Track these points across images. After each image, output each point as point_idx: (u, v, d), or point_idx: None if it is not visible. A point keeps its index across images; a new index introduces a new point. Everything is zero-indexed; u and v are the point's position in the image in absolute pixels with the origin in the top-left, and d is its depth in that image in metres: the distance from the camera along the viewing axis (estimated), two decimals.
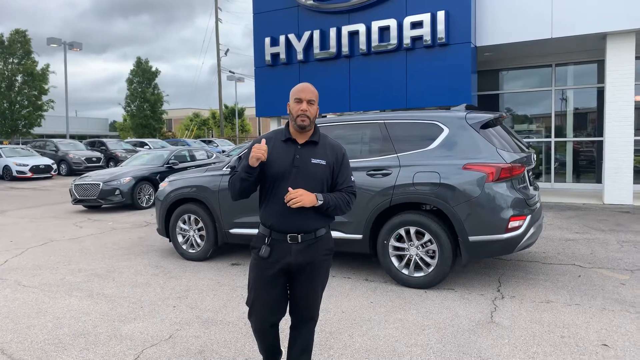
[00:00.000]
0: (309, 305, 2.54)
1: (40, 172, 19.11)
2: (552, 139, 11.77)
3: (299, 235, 2.42)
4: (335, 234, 4.83)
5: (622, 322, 3.63)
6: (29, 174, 18.75)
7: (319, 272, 2.50)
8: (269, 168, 2.43)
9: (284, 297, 2.53)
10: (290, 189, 2.33)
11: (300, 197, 2.30)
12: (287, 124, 2.52)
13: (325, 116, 9.27)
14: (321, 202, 2.37)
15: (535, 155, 5.21)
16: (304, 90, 2.43)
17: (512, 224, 4.26)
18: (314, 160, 2.43)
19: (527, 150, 4.95)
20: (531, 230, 4.48)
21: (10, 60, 29.96)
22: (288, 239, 2.42)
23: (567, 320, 3.69)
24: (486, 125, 4.57)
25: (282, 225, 2.42)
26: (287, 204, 2.31)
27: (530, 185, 4.83)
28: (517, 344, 3.31)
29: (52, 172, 19.66)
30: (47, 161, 19.74)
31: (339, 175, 2.50)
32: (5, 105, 29.60)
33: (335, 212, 2.47)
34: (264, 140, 2.39)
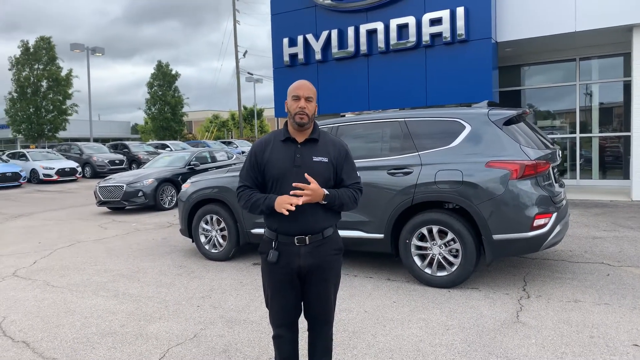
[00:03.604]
0: (323, 307, 2.46)
1: (65, 175, 19.57)
2: (577, 135, 11.50)
3: (307, 237, 2.36)
4: (356, 233, 4.82)
5: None
6: (55, 177, 19.23)
7: (329, 272, 2.43)
8: (270, 170, 2.37)
9: (300, 299, 2.47)
10: (301, 185, 2.24)
11: (312, 195, 2.24)
12: (286, 124, 2.46)
13: (344, 115, 9.25)
14: (327, 194, 2.30)
15: (560, 152, 5.10)
16: (301, 87, 2.40)
17: (537, 222, 4.18)
18: (315, 159, 2.36)
19: (552, 146, 4.84)
20: (557, 228, 4.39)
21: (36, 66, 30.83)
22: (296, 241, 2.35)
23: (596, 320, 3.60)
24: (509, 121, 4.50)
25: (289, 228, 2.35)
26: (295, 200, 2.23)
27: (556, 182, 4.73)
28: (545, 344, 3.24)
29: (77, 175, 20.12)
30: (72, 164, 20.22)
31: (343, 171, 2.43)
32: (31, 110, 30.47)
33: (341, 209, 2.41)
34: (294, 199, 2.24)
